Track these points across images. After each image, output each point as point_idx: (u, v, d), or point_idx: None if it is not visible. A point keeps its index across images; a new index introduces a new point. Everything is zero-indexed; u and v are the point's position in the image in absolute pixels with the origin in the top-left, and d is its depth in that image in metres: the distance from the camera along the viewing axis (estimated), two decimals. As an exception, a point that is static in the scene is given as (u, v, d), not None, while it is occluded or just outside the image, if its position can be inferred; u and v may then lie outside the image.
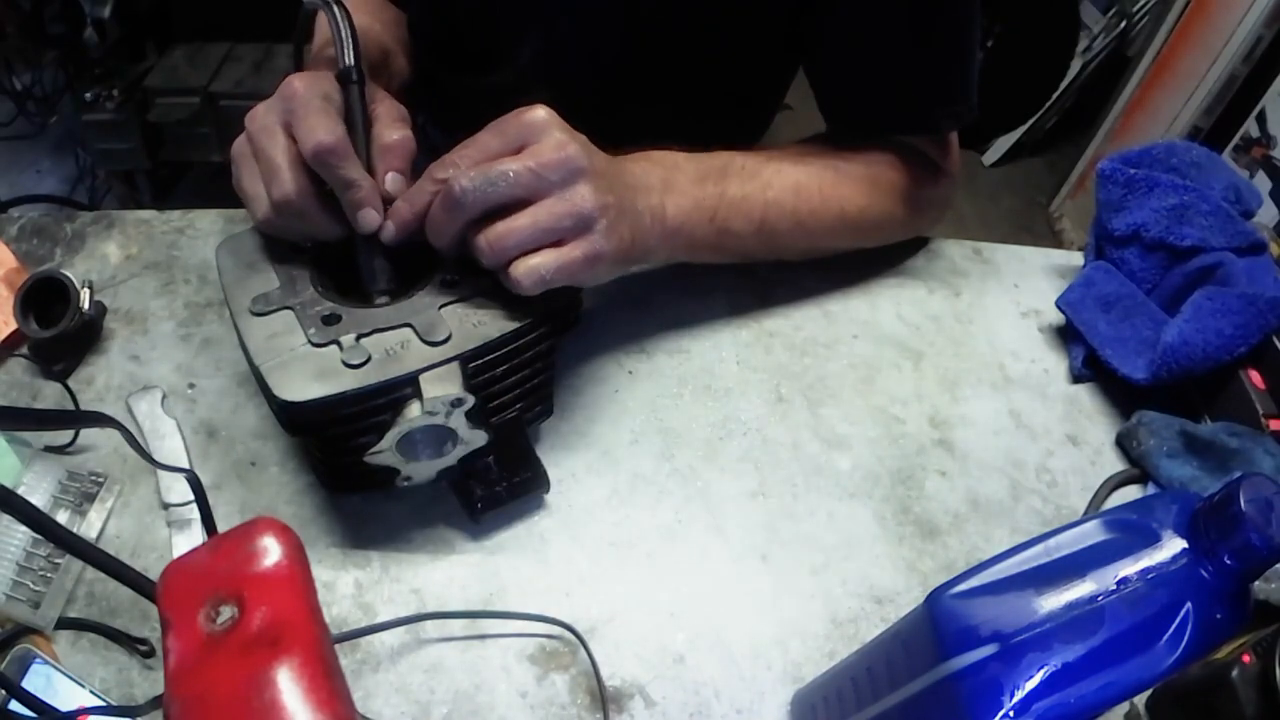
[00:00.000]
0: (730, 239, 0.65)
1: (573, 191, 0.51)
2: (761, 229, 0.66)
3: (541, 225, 0.50)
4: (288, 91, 0.52)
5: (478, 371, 0.51)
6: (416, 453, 0.53)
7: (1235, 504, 0.33)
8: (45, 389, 0.63)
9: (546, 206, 0.50)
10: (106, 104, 1.85)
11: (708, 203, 0.63)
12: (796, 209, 0.67)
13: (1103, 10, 2.41)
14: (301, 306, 0.51)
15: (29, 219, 0.74)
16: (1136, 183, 0.72)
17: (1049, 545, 0.37)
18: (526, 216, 0.50)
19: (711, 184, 0.63)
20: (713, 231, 0.64)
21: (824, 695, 0.48)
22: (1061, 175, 2.49)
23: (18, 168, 2.13)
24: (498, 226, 0.50)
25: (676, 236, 0.61)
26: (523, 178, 0.50)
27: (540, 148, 0.51)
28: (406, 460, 0.53)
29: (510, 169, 0.50)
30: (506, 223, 0.50)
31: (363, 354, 0.48)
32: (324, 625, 0.32)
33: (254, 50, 2.01)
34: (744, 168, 0.65)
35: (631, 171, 0.58)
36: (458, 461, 0.55)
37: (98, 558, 0.35)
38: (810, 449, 0.64)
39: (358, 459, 0.51)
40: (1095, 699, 0.34)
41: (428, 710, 0.50)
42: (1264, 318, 0.64)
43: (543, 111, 0.52)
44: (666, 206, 0.60)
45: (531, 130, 0.51)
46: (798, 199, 0.67)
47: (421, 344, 0.50)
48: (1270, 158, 1.86)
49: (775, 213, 0.66)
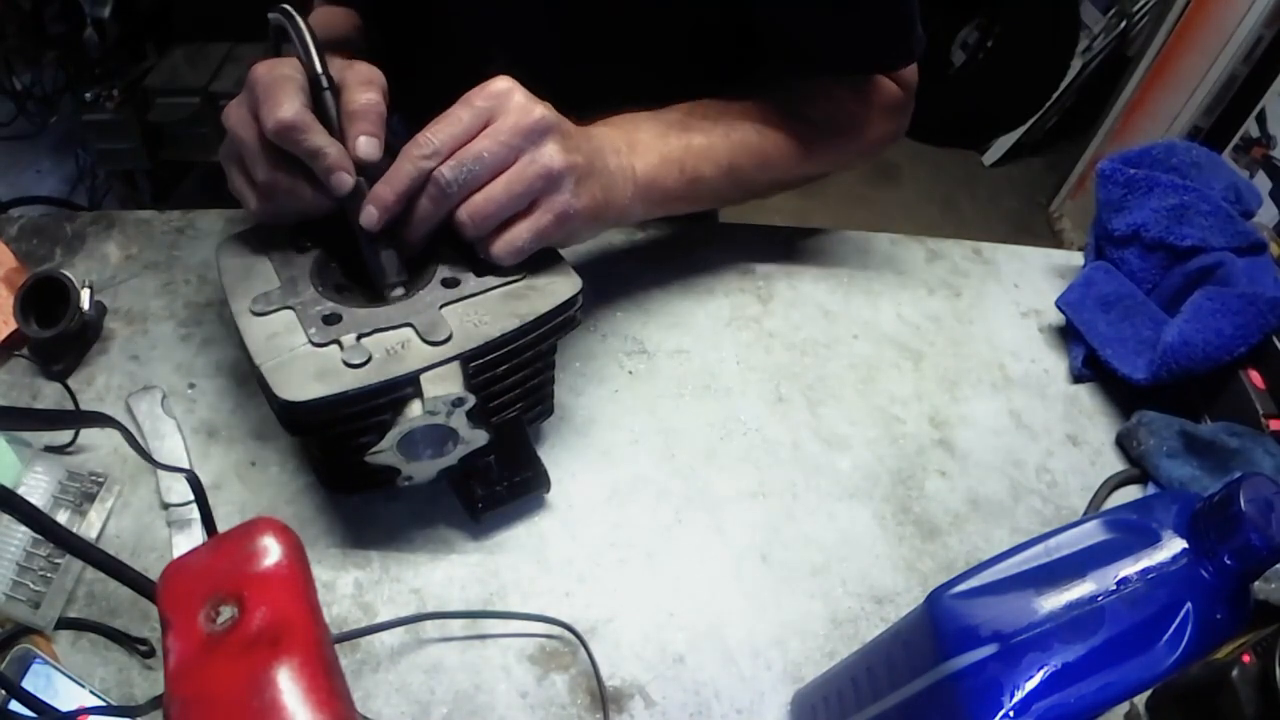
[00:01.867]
0: (702, 185, 0.66)
1: (540, 152, 0.53)
2: (730, 171, 0.68)
3: (515, 190, 0.52)
4: (251, 80, 0.53)
5: (479, 371, 0.51)
6: (418, 452, 0.53)
7: (1235, 504, 0.33)
8: (45, 389, 0.63)
9: (517, 170, 0.53)
10: (106, 104, 1.85)
11: (674, 154, 0.64)
12: (762, 146, 0.69)
13: (1103, 10, 2.42)
14: (302, 306, 0.51)
15: (29, 219, 0.74)
16: (1136, 183, 0.72)
17: (1049, 545, 0.37)
18: (500, 184, 0.52)
19: (674, 136, 0.64)
20: (684, 181, 0.65)
21: (824, 695, 0.48)
22: (1061, 175, 2.49)
23: (18, 168, 2.13)
24: (476, 199, 0.52)
25: (650, 191, 0.63)
26: (497, 154, 0.52)
27: (506, 118, 0.52)
28: (407, 460, 0.53)
29: (484, 149, 0.52)
30: (483, 194, 0.52)
31: (363, 354, 0.48)
32: (324, 625, 0.32)
33: (254, 50, 2.00)
34: (705, 115, 0.67)
35: (597, 134, 0.60)
36: (459, 461, 0.55)
37: (98, 558, 0.35)
38: (810, 449, 0.64)
39: (359, 459, 0.51)
40: (1095, 699, 0.34)
41: (428, 710, 0.50)
42: (1264, 318, 0.64)
43: (505, 81, 0.53)
44: (635, 165, 0.62)
45: (497, 100, 0.53)
46: (761, 137, 0.69)
47: (422, 344, 0.50)
48: (1270, 158, 1.86)
49: (741, 153, 0.68)
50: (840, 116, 0.73)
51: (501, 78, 0.54)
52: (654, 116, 0.65)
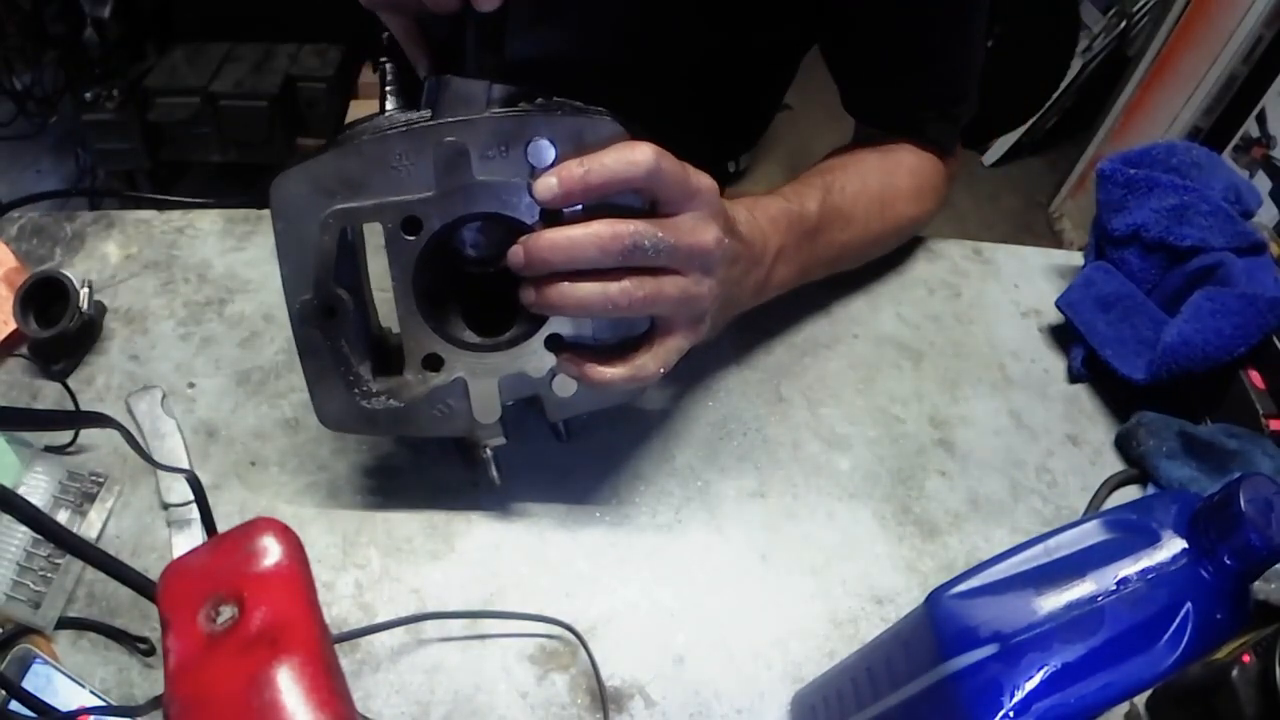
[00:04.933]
0: (799, 284, 0.66)
1: (704, 281, 0.50)
2: (832, 267, 0.68)
3: (661, 302, 0.48)
4: None
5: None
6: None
7: (1235, 504, 0.33)
8: (45, 389, 0.63)
9: (676, 287, 0.48)
10: (106, 104, 1.86)
11: (806, 262, 0.64)
12: (863, 244, 0.70)
13: (1103, 10, 2.41)
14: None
15: (29, 219, 0.74)
16: (1136, 183, 0.72)
17: (1049, 545, 0.37)
18: (672, 287, 0.48)
19: (810, 240, 0.63)
20: (792, 284, 0.65)
21: (824, 695, 0.48)
22: (1061, 175, 2.49)
23: (18, 168, 2.13)
24: (647, 284, 0.47)
25: (760, 298, 0.62)
26: (679, 256, 0.48)
27: (702, 228, 0.49)
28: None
29: (672, 239, 0.47)
30: (655, 283, 0.48)
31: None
32: (324, 625, 0.32)
33: (254, 50, 2.01)
34: (838, 210, 0.65)
35: (755, 241, 0.57)
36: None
37: (98, 558, 0.35)
38: (810, 449, 0.64)
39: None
40: (1095, 699, 0.34)
41: (428, 710, 0.50)
42: (1264, 318, 0.64)
43: (711, 184, 0.50)
44: (772, 276, 0.60)
45: (700, 200, 0.49)
46: (866, 232, 0.69)
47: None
48: (1270, 158, 1.86)
49: (849, 253, 0.69)
50: (925, 187, 0.74)
51: (707, 178, 0.49)
52: (802, 209, 0.62)
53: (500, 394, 0.51)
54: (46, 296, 0.62)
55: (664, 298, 0.48)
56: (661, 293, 0.48)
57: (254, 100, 1.92)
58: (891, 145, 0.73)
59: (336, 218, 0.46)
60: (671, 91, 0.73)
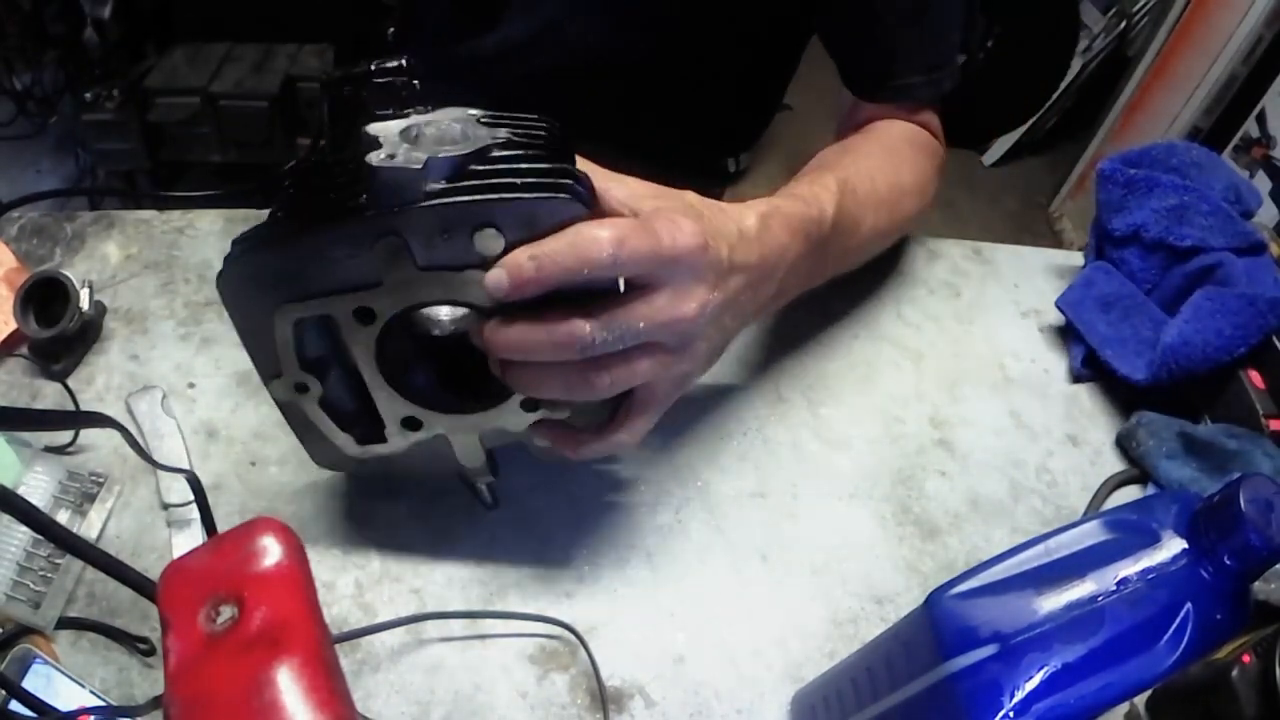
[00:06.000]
0: (802, 291, 0.62)
1: (683, 354, 0.47)
2: (833, 274, 0.66)
3: (652, 378, 0.46)
4: None
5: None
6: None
7: (1235, 504, 0.33)
8: (45, 389, 0.63)
9: (662, 362, 0.45)
10: (106, 104, 1.85)
11: (813, 271, 0.60)
12: (865, 247, 0.68)
13: (1103, 10, 2.41)
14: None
15: (29, 219, 0.74)
16: (1136, 183, 0.72)
17: (1049, 545, 0.37)
18: (645, 366, 0.45)
19: (823, 248, 0.58)
20: (797, 293, 0.60)
21: (824, 695, 0.48)
22: (1061, 175, 2.49)
23: (18, 168, 2.13)
24: (614, 371, 0.44)
25: (765, 312, 0.58)
26: (652, 334, 0.44)
27: (681, 299, 0.44)
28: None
29: (640, 324, 0.43)
30: (625, 368, 0.44)
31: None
32: (324, 625, 0.32)
33: (254, 50, 2.00)
34: (850, 216, 0.61)
35: (768, 258, 0.51)
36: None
37: (98, 558, 0.35)
38: (810, 449, 0.64)
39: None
40: (1095, 699, 0.34)
41: (428, 710, 0.50)
42: (1264, 318, 0.64)
43: (698, 235, 0.44)
44: (783, 290, 0.56)
45: (679, 267, 0.44)
46: (873, 233, 0.66)
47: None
48: (1270, 158, 1.86)
49: (850, 257, 0.67)
50: (924, 179, 0.74)
51: (696, 227, 0.44)
52: (817, 213, 0.57)
53: (483, 443, 0.52)
54: (46, 296, 0.62)
55: (636, 377, 0.45)
56: (633, 373, 0.45)
57: (254, 100, 1.92)
58: (891, 136, 0.72)
59: (284, 315, 0.44)
60: (674, 88, 0.73)
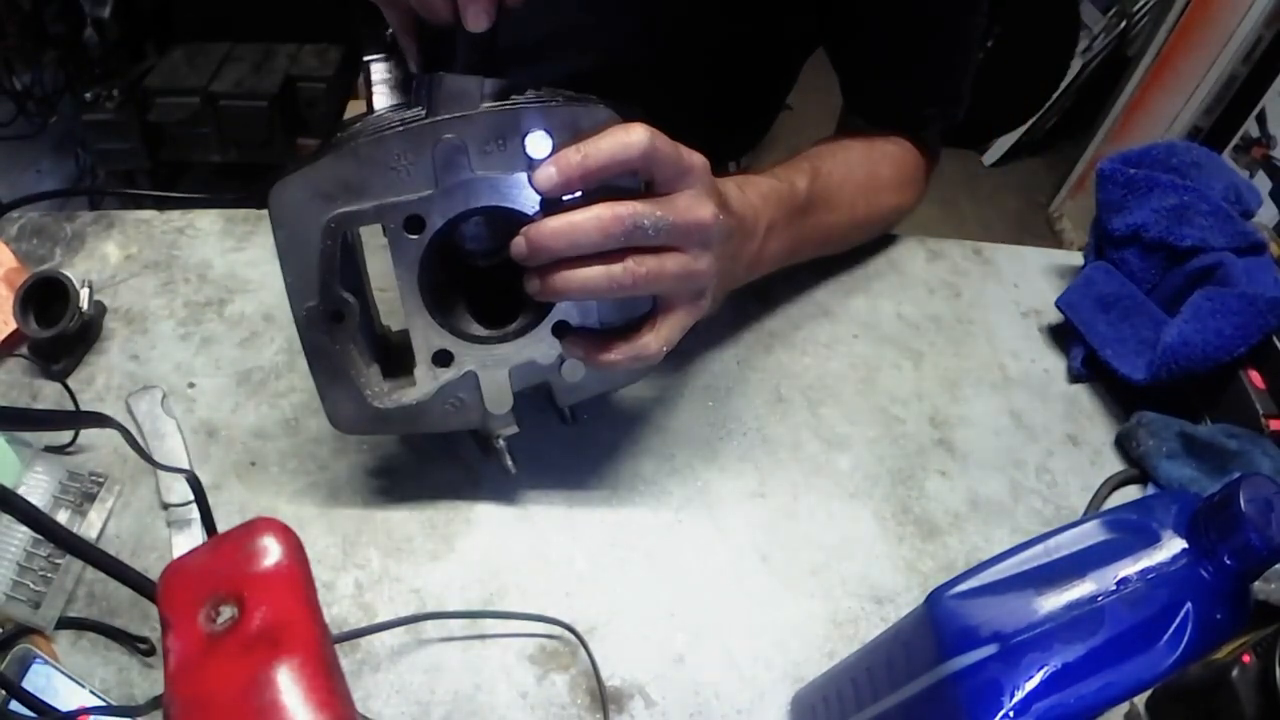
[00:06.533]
0: (789, 263, 0.67)
1: (702, 257, 0.50)
2: (820, 248, 0.70)
3: (678, 280, 0.50)
4: None
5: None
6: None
7: (1235, 504, 0.33)
8: (45, 389, 0.63)
9: (685, 263, 0.49)
10: (106, 104, 1.86)
11: (795, 238, 0.64)
12: (848, 227, 0.71)
13: (1103, 10, 2.42)
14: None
15: (29, 219, 0.74)
16: (1136, 183, 0.72)
17: (1049, 545, 0.37)
18: (673, 263, 0.49)
19: (799, 217, 0.64)
20: (784, 261, 0.66)
21: (824, 695, 0.48)
22: (1061, 175, 2.49)
23: (18, 168, 2.13)
24: (648, 262, 0.48)
25: (754, 272, 0.63)
26: (678, 231, 0.48)
27: (698, 204, 0.49)
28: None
29: (670, 216, 0.48)
30: (657, 261, 0.48)
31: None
32: (324, 625, 0.32)
33: (254, 50, 2.01)
34: (825, 192, 0.66)
35: (746, 216, 0.58)
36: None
37: (98, 558, 0.35)
38: (810, 449, 0.64)
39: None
40: (1095, 699, 0.34)
41: (428, 710, 0.50)
42: (1264, 318, 0.64)
43: (703, 162, 0.50)
44: (765, 250, 0.61)
45: (694, 177, 0.50)
46: (852, 215, 0.70)
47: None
48: (1270, 158, 1.86)
49: (835, 234, 0.70)
50: (908, 178, 0.76)
51: (699, 155, 0.50)
52: (791, 188, 0.63)
53: (511, 383, 0.52)
54: (46, 296, 0.62)
55: (666, 274, 0.49)
56: (664, 270, 0.48)
57: (254, 100, 1.93)
58: (876, 137, 0.74)
59: (339, 222, 0.46)
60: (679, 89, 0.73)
